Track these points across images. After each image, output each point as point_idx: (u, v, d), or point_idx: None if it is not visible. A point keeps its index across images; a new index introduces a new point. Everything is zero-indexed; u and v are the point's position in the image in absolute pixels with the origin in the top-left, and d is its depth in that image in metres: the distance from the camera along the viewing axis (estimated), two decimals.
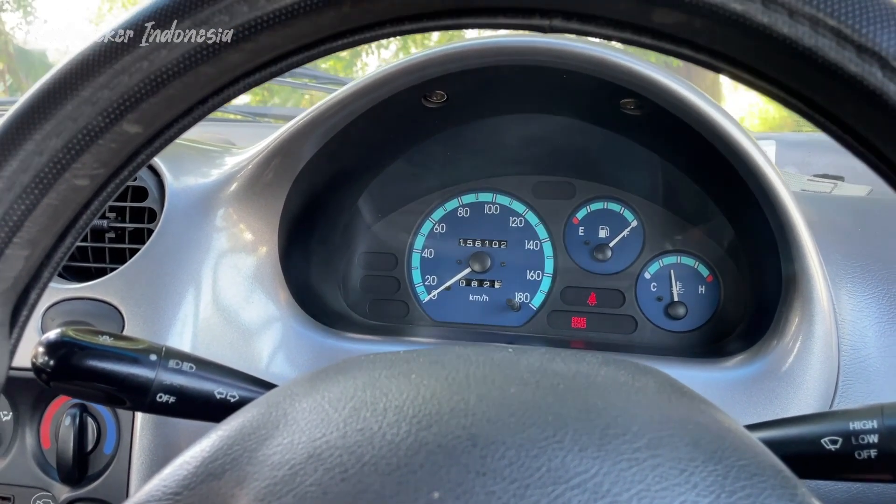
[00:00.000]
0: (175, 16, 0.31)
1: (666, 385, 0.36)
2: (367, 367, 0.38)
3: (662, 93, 0.65)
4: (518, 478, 0.28)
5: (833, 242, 0.71)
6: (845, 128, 0.31)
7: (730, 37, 0.30)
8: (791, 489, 0.29)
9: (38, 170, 0.31)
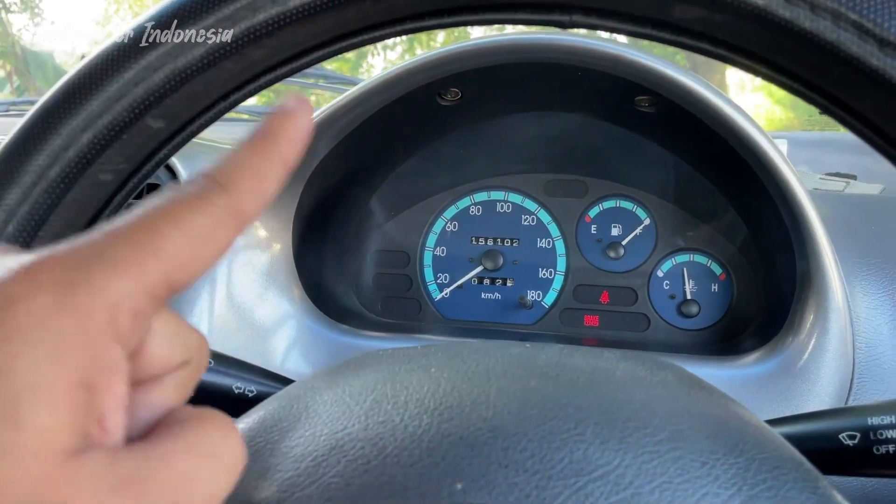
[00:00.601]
0: (200, 13, 0.31)
1: (685, 379, 0.36)
2: (386, 361, 0.38)
3: (678, 89, 0.65)
4: (540, 469, 0.28)
5: (847, 240, 0.71)
6: (865, 122, 0.31)
7: (750, 31, 0.30)
8: (813, 482, 0.29)
9: (65, 164, 0.31)
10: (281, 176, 0.23)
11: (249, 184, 0.22)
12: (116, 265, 0.19)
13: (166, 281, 0.20)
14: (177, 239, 0.20)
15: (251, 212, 0.22)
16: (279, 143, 0.23)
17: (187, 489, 0.19)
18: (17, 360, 0.17)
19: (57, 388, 0.17)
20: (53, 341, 0.18)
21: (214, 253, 0.21)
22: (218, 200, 0.21)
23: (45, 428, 0.17)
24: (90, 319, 0.18)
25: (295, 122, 0.24)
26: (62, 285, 0.18)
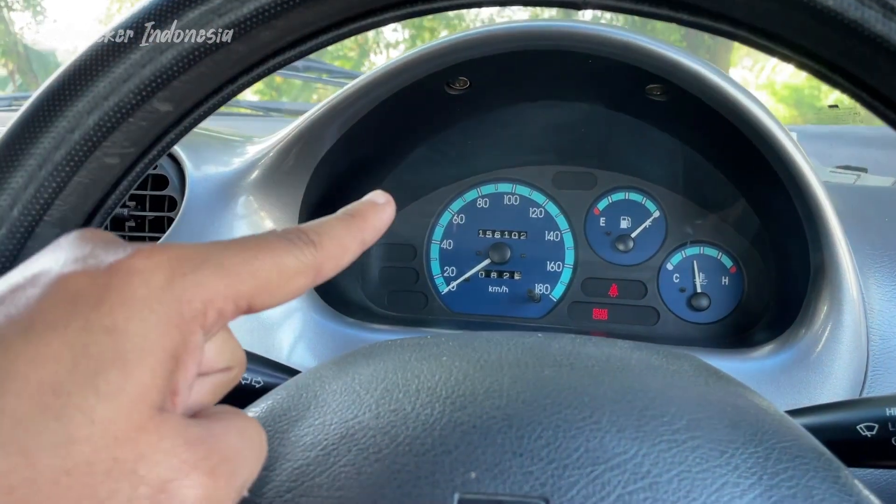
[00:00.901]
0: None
1: (701, 368, 0.36)
2: (396, 350, 0.38)
3: (691, 77, 0.64)
4: (556, 458, 0.27)
5: (860, 232, 0.70)
6: (889, 103, 0.30)
7: (770, 11, 0.30)
8: (834, 472, 0.28)
9: (70, 147, 0.31)
10: (357, 253, 0.28)
11: (333, 250, 0.27)
12: (219, 270, 0.23)
13: (248, 298, 0.24)
14: (268, 268, 0.24)
15: (327, 271, 0.27)
16: (364, 227, 0.28)
17: (237, 462, 0.22)
18: (131, 323, 0.21)
19: (158, 353, 0.21)
20: (161, 313, 0.21)
21: (289, 292, 0.25)
22: (307, 252, 0.26)
23: (145, 383, 0.20)
24: (189, 305, 0.22)
25: (381, 213, 0.29)
26: (174, 271, 0.22)
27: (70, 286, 0.21)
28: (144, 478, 0.19)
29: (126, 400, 0.20)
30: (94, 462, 0.19)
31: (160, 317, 0.21)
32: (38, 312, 0.20)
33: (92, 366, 0.20)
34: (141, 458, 0.20)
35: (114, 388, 0.20)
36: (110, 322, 0.20)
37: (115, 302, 0.21)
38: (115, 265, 0.22)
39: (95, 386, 0.19)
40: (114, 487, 0.19)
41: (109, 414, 0.19)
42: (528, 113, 0.85)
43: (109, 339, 0.20)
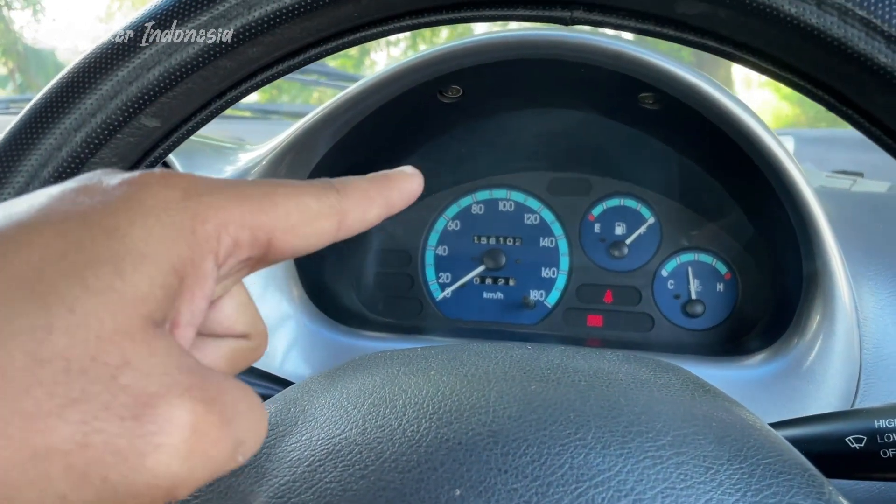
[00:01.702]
0: (194, 10, 0.31)
1: (689, 382, 0.36)
2: (385, 363, 0.38)
3: (682, 86, 0.65)
4: (540, 475, 0.27)
5: (854, 239, 0.70)
6: (872, 119, 0.31)
7: (755, 27, 0.30)
8: (818, 487, 0.28)
9: (58, 163, 0.31)
10: (381, 213, 0.26)
11: (358, 200, 0.25)
12: (236, 195, 0.22)
13: (268, 231, 0.22)
14: (288, 205, 0.23)
15: (351, 221, 0.25)
16: (391, 187, 0.27)
17: (236, 412, 0.20)
18: (134, 228, 0.19)
19: (159, 262, 0.19)
20: (168, 226, 0.20)
21: (311, 235, 0.24)
22: (330, 194, 0.24)
23: (139, 288, 0.19)
24: (201, 225, 0.21)
25: (408, 180, 0.28)
26: (188, 190, 0.21)
27: (75, 192, 0.20)
28: (126, 387, 0.17)
29: (115, 298, 0.18)
30: (71, 358, 0.17)
31: (166, 227, 0.20)
32: (37, 209, 0.19)
33: (83, 259, 0.18)
34: (125, 364, 0.18)
35: (103, 284, 0.18)
36: (112, 223, 0.19)
37: (119, 206, 0.20)
38: (126, 179, 0.21)
39: (83, 278, 0.18)
40: (89, 389, 0.17)
41: (94, 309, 0.18)
42: (521, 120, 0.85)
43: (107, 237, 0.19)
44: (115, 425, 0.17)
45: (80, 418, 0.17)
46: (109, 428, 0.17)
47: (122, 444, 0.17)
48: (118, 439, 0.17)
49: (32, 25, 6.42)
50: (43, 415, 0.17)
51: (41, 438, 0.16)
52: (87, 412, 0.17)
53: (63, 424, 0.17)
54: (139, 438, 0.17)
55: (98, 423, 0.17)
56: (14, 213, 0.19)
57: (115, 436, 0.17)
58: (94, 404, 0.17)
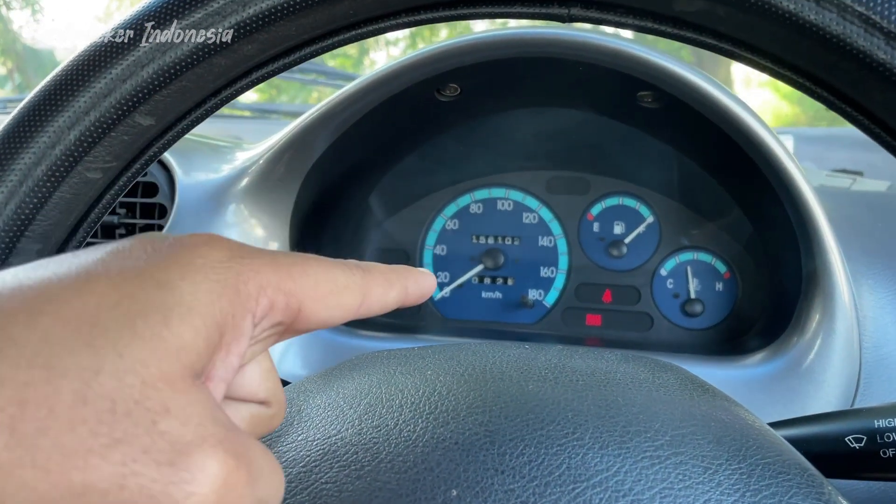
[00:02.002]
0: (189, 8, 0.31)
1: (687, 382, 0.36)
2: (381, 363, 0.38)
3: (681, 85, 0.64)
4: (537, 475, 0.27)
5: (853, 238, 0.70)
6: (872, 117, 0.30)
7: (754, 25, 0.29)
8: (817, 487, 0.28)
9: (51, 162, 0.31)
10: (399, 299, 0.29)
11: (380, 280, 0.27)
12: (273, 263, 0.23)
13: (299, 298, 0.24)
14: (319, 275, 0.25)
15: (373, 299, 0.27)
16: (408, 278, 0.29)
17: (260, 471, 0.21)
18: (184, 283, 0.21)
19: (205, 315, 0.20)
20: (214, 282, 0.21)
21: (337, 307, 0.25)
22: (356, 271, 0.26)
23: (185, 339, 0.20)
24: (244, 285, 0.22)
25: (425, 278, 0.31)
26: (233, 254, 0.23)
27: (130, 249, 0.21)
28: (165, 433, 0.18)
29: (162, 347, 0.19)
30: (116, 399, 0.18)
31: (213, 285, 0.21)
32: (94, 261, 0.21)
33: (135, 308, 0.19)
34: (165, 411, 0.18)
35: (151, 333, 0.19)
36: (163, 277, 0.20)
37: (171, 263, 0.21)
38: (177, 238, 0.22)
39: (133, 326, 0.19)
40: (130, 431, 0.18)
41: (141, 356, 0.18)
42: (519, 119, 0.85)
43: (158, 290, 0.20)
44: (152, 469, 0.18)
45: (121, 459, 0.17)
46: (146, 472, 0.18)
47: (156, 489, 0.18)
48: (153, 484, 0.18)
49: (31, 25, 6.41)
50: (84, 452, 0.17)
51: (80, 475, 0.17)
52: (128, 454, 0.18)
53: (104, 464, 0.17)
54: (173, 485, 0.18)
55: (136, 465, 0.18)
56: (72, 263, 0.20)
57: (150, 480, 0.18)
58: (135, 447, 0.18)
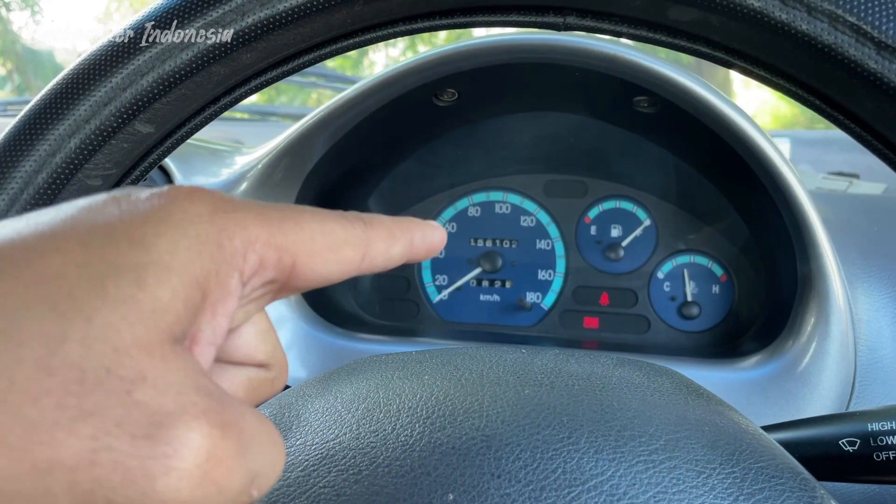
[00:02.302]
0: (188, 16, 0.31)
1: (682, 386, 0.36)
2: (379, 368, 0.38)
3: (676, 90, 0.65)
4: (533, 480, 0.27)
5: (849, 241, 0.70)
6: (864, 125, 0.31)
7: (747, 34, 0.30)
8: (810, 491, 0.29)
9: (52, 170, 0.31)
10: (404, 252, 0.27)
11: (382, 233, 0.25)
12: (262, 217, 0.21)
13: (293, 254, 0.22)
14: (314, 229, 0.23)
15: (376, 253, 0.25)
16: (414, 231, 0.27)
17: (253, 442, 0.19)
18: (160, 239, 0.19)
19: (182, 275, 0.19)
20: (194, 238, 0.19)
21: (336, 262, 0.23)
22: (356, 224, 0.24)
23: (161, 300, 0.18)
24: (228, 240, 0.20)
25: (433, 230, 0.28)
26: (216, 207, 0.20)
27: (102, 205, 0.19)
28: (140, 403, 0.16)
29: (135, 310, 0.17)
30: (85, 368, 0.16)
31: (192, 240, 0.19)
32: (62, 218, 0.19)
33: (104, 268, 0.17)
34: (141, 379, 0.17)
35: (123, 295, 0.17)
36: (138, 234, 0.18)
37: (146, 218, 0.19)
38: (155, 192, 0.20)
39: (103, 287, 0.17)
40: (102, 402, 0.16)
41: (111, 319, 0.17)
42: (517, 123, 0.86)
43: (131, 248, 0.18)
44: (127, 443, 0.16)
45: (91, 433, 0.16)
46: (120, 446, 0.16)
47: (131, 465, 0.16)
48: (128, 459, 0.16)
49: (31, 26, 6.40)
50: (49, 426, 0.16)
51: (45, 451, 0.15)
52: (99, 427, 0.16)
53: (72, 438, 0.16)
54: (150, 460, 0.16)
55: (109, 439, 0.16)
56: (39, 222, 0.18)
57: (125, 455, 0.16)
58: (107, 419, 0.16)
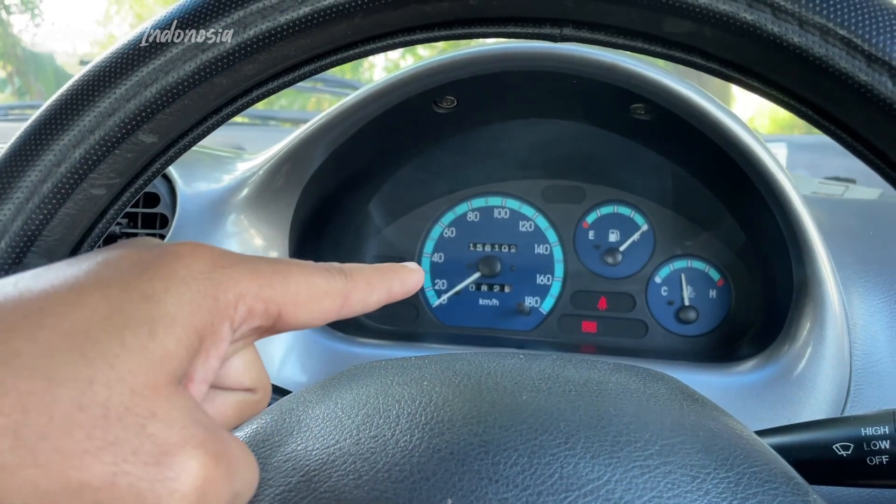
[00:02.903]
0: (190, 28, 0.31)
1: (677, 391, 0.36)
2: (379, 373, 0.38)
3: (672, 98, 0.65)
4: (530, 485, 0.28)
5: (844, 246, 0.71)
6: (855, 136, 0.31)
7: (740, 46, 0.30)
8: (802, 496, 0.29)
9: (57, 179, 0.32)
10: (381, 299, 0.30)
11: (361, 283, 0.29)
12: (253, 272, 0.25)
13: (279, 305, 0.25)
14: (299, 283, 0.26)
15: (354, 302, 0.28)
16: (392, 278, 0.31)
17: (238, 467, 0.23)
18: (167, 295, 0.22)
19: (186, 326, 0.22)
20: (196, 293, 0.23)
21: (317, 311, 0.27)
22: (337, 276, 0.28)
23: (168, 349, 0.21)
24: (223, 294, 0.24)
25: (410, 275, 0.32)
26: (214, 264, 0.24)
27: (118, 259, 0.23)
28: (152, 436, 0.20)
29: (148, 358, 0.21)
30: (109, 406, 0.20)
31: (195, 296, 0.23)
32: (86, 273, 0.22)
33: (123, 321, 0.21)
34: (152, 415, 0.20)
35: (138, 344, 0.21)
36: (149, 289, 0.22)
37: (156, 275, 0.23)
38: (162, 249, 0.24)
39: (122, 338, 0.21)
40: (122, 435, 0.20)
41: (130, 366, 0.20)
42: (515, 130, 0.86)
43: (144, 303, 0.22)
44: (140, 469, 0.20)
45: (112, 460, 0.19)
46: (135, 471, 0.20)
47: (143, 487, 0.20)
48: (140, 482, 0.20)
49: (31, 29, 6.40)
50: (80, 453, 0.19)
51: (76, 474, 0.19)
52: (119, 455, 0.19)
53: (97, 464, 0.19)
54: (159, 483, 0.20)
55: (126, 465, 0.19)
56: (67, 275, 0.22)
57: (138, 478, 0.20)
58: (125, 449, 0.20)
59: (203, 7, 0.31)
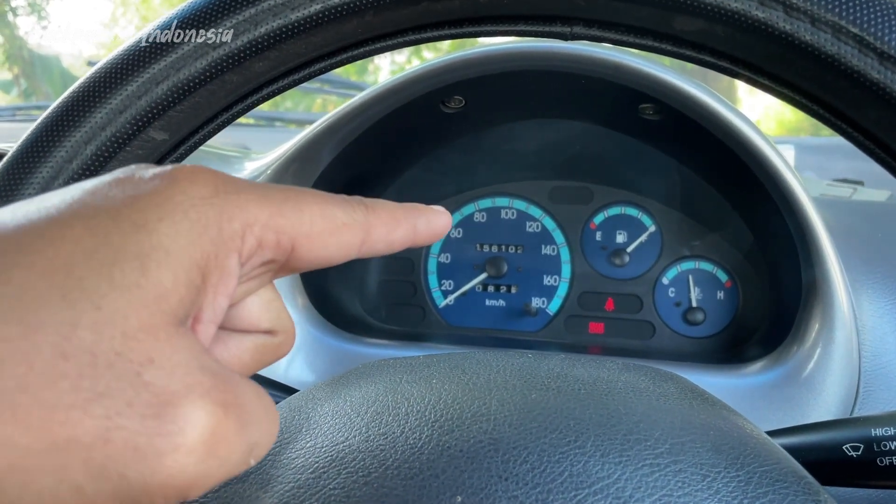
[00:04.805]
0: (201, 25, 0.32)
1: (687, 391, 0.36)
2: (388, 372, 0.38)
3: (681, 98, 0.65)
4: (540, 482, 0.28)
5: (853, 247, 0.71)
6: (867, 133, 0.31)
7: (751, 44, 0.30)
8: (814, 495, 0.29)
9: (68, 176, 0.32)
10: (406, 237, 0.27)
11: (385, 217, 0.26)
12: (262, 198, 0.22)
13: (291, 236, 0.22)
14: (314, 212, 0.23)
15: (376, 238, 0.25)
16: (418, 216, 0.27)
17: (252, 416, 0.20)
18: (161, 224, 0.19)
19: (184, 259, 0.19)
20: (195, 222, 0.20)
21: (335, 245, 0.24)
22: (357, 208, 0.25)
23: (164, 285, 0.19)
24: (228, 223, 0.21)
25: (437, 216, 0.28)
26: (217, 189, 0.21)
27: (107, 187, 0.20)
28: (149, 385, 0.18)
29: (140, 296, 0.18)
30: (96, 353, 0.17)
31: (194, 224, 0.20)
32: (69, 203, 0.19)
33: (111, 255, 0.18)
34: (148, 362, 0.18)
35: (129, 281, 0.18)
36: (140, 218, 0.19)
37: (149, 202, 0.20)
38: (158, 173, 0.21)
39: (110, 274, 0.18)
40: (113, 385, 0.17)
41: (119, 306, 0.18)
42: (523, 130, 0.86)
43: (135, 233, 0.19)
44: (137, 422, 0.17)
45: (104, 413, 0.17)
46: (131, 425, 0.17)
47: (141, 442, 0.17)
48: (138, 437, 0.17)
49: (37, 31, 6.43)
50: (66, 407, 0.17)
51: (62, 430, 0.17)
52: (111, 408, 0.17)
53: (86, 418, 0.17)
54: (159, 437, 0.18)
55: (121, 419, 0.17)
56: (47, 207, 0.19)
57: (135, 433, 0.17)
58: (118, 400, 0.17)
59: (215, 5, 0.31)
